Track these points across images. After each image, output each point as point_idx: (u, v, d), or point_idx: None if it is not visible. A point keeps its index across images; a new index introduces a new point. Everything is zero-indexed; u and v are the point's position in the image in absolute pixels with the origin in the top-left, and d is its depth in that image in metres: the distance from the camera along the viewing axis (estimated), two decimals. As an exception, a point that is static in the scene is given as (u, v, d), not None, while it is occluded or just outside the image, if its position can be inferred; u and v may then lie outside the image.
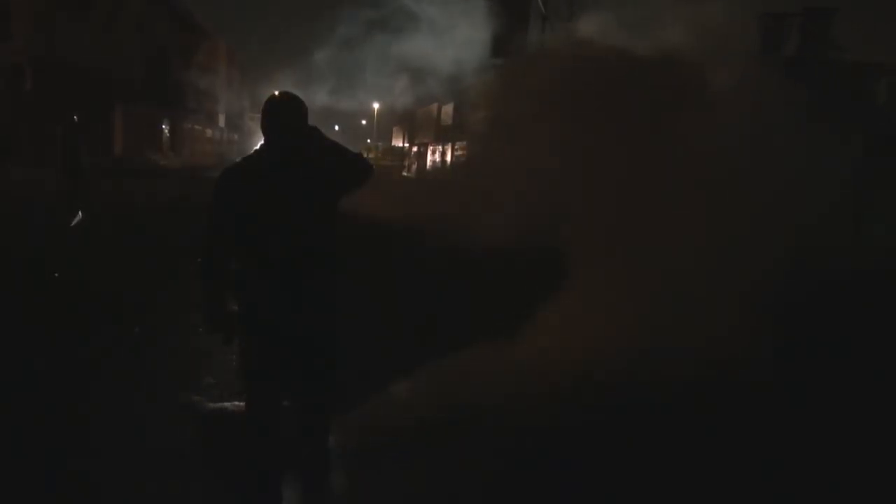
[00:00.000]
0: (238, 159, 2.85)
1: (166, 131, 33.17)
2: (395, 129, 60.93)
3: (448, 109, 37.26)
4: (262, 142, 2.71)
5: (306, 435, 2.80)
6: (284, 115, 2.64)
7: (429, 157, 44.57)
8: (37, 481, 3.05)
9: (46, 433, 3.47)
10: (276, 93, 2.72)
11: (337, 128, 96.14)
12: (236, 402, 3.78)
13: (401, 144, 55.89)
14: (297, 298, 2.62)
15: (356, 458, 3.27)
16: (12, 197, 12.75)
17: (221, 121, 45.90)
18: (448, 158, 38.79)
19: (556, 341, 4.54)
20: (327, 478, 2.85)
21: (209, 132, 43.76)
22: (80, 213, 10.43)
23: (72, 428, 3.55)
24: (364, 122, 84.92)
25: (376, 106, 68.60)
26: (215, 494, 3.04)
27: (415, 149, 49.11)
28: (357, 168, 2.78)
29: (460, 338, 4.62)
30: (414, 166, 48.84)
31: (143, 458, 3.28)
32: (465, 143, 33.78)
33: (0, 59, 18.50)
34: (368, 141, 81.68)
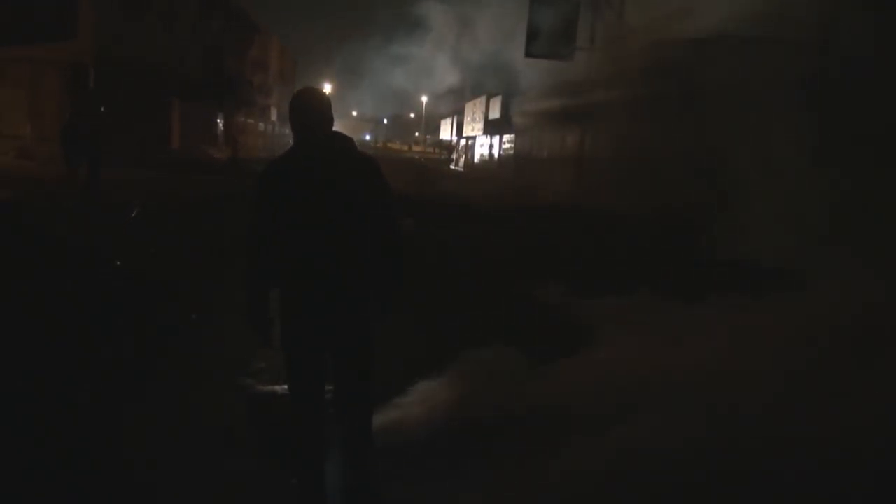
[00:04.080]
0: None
1: (220, 125, 33.99)
2: (442, 122, 60.98)
3: (496, 102, 37.12)
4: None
5: (348, 420, 2.87)
6: (306, 112, 2.68)
7: (477, 150, 44.53)
8: (96, 453, 3.23)
9: (106, 410, 3.66)
10: (302, 89, 2.79)
11: (385, 121, 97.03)
12: (285, 386, 3.89)
13: (449, 137, 55.93)
14: (323, 299, 2.66)
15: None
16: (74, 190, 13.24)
17: (273, 115, 46.74)
18: (496, 152, 38.71)
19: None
20: (371, 463, 2.89)
21: (261, 126, 44.64)
22: (136, 205, 10.82)
23: (130, 406, 3.73)
24: (413, 115, 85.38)
25: (424, 99, 68.93)
26: (264, 471, 3.15)
27: (462, 142, 49.08)
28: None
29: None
30: (462, 159, 48.85)
31: (198, 435, 3.44)
32: (514, 135, 33.71)
33: (64, 58, 19.27)
34: (417, 134, 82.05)
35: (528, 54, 21.69)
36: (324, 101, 2.72)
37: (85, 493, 2.98)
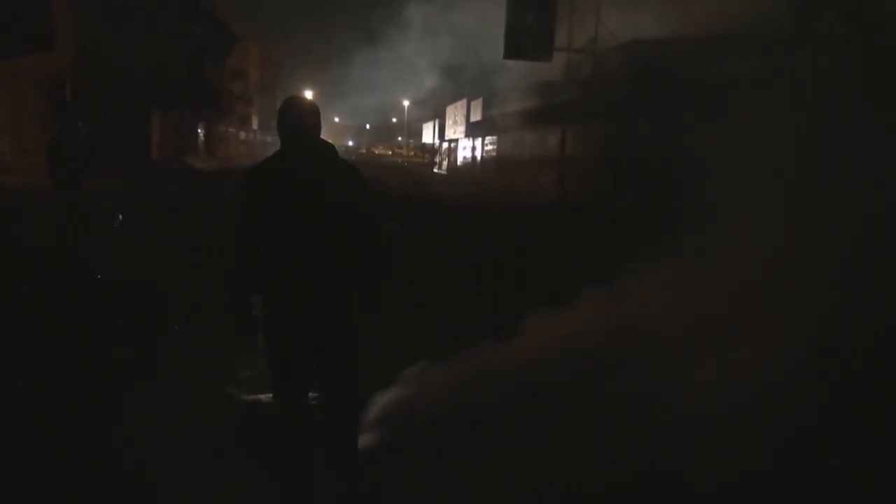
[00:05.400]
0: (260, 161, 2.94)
1: (201, 135, 33.81)
2: (424, 125, 61.03)
3: (477, 105, 37.24)
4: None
5: (334, 429, 2.91)
6: (298, 118, 2.74)
7: (460, 153, 44.63)
8: (87, 462, 3.26)
9: (96, 421, 3.68)
10: (290, 97, 2.85)
11: (368, 126, 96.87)
12: (269, 395, 3.93)
13: (431, 141, 55.98)
14: (317, 300, 2.70)
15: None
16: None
17: (255, 123, 46.57)
18: (479, 154, 38.84)
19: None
20: (358, 471, 2.94)
21: (242, 134, 44.46)
22: (119, 216, 10.77)
23: (119, 416, 3.75)
24: (395, 119, 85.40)
25: (406, 103, 68.96)
26: (251, 478, 3.18)
27: (445, 145, 49.17)
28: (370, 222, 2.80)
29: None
30: (445, 162, 48.93)
31: (185, 443, 3.46)
32: (496, 137, 33.85)
33: (42, 71, 19.13)
34: (399, 138, 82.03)
35: (507, 56, 21.83)
36: (314, 109, 2.79)
37: (85, 493, 3.02)
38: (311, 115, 2.75)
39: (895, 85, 5.04)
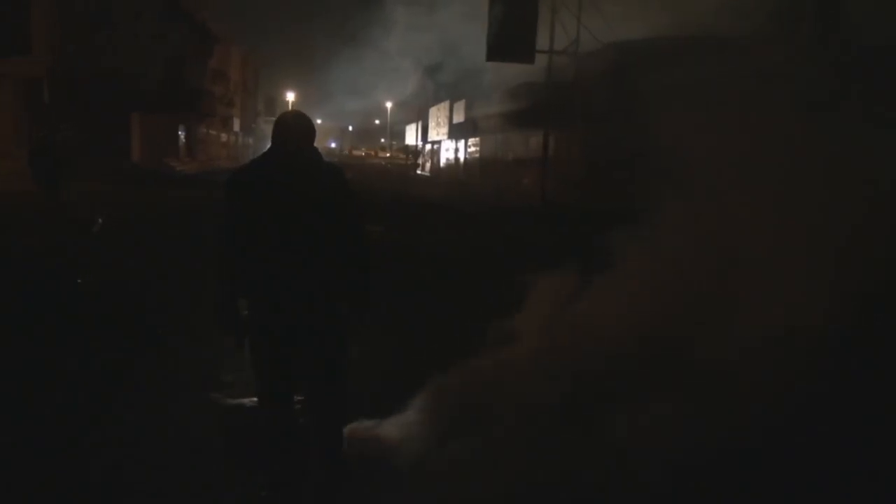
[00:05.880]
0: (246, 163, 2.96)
1: (182, 137, 33.52)
2: (407, 127, 61.02)
3: (460, 106, 37.30)
4: (268, 148, 2.82)
5: (320, 431, 2.89)
6: (296, 129, 2.77)
7: (443, 155, 44.65)
8: (74, 469, 3.22)
9: (81, 427, 3.64)
10: (290, 110, 2.89)
11: (350, 128, 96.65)
12: (253, 399, 3.90)
13: (414, 142, 55.98)
14: (303, 301, 2.70)
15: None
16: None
17: (236, 125, 46.23)
18: (462, 156, 38.90)
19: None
20: (344, 472, 2.92)
21: (224, 137, 44.11)
22: (100, 219, 10.66)
23: (104, 421, 3.72)
24: (378, 121, 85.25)
25: (389, 105, 68.89)
26: (234, 482, 3.17)
27: (428, 146, 49.19)
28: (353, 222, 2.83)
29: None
30: (428, 164, 48.95)
31: (169, 448, 3.45)
32: (479, 138, 33.93)
33: (19, 73, 18.88)
34: (382, 140, 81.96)
35: (490, 58, 21.90)
36: (311, 125, 2.82)
37: (70, 496, 3.01)
38: (307, 129, 2.78)
39: (872, 86, 5.11)
